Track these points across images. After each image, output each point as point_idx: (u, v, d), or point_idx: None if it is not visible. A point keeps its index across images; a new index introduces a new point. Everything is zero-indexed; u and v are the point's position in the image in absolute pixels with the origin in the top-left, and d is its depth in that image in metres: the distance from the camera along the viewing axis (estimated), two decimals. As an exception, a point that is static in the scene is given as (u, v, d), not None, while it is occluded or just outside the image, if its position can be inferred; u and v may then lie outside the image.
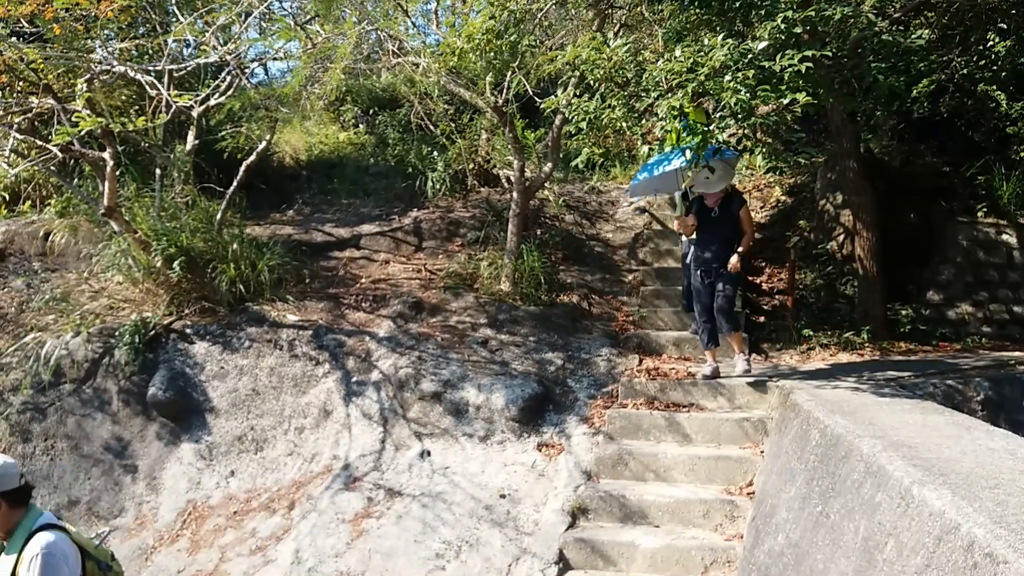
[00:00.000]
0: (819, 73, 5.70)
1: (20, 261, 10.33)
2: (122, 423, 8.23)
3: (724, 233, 7.19)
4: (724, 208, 7.22)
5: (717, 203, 7.23)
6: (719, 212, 7.23)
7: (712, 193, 7.18)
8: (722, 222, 7.23)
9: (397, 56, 9.10)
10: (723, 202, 7.22)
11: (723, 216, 7.23)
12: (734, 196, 7.28)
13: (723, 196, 7.22)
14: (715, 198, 7.21)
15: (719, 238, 7.18)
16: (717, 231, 7.22)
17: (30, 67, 8.46)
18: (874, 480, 3.85)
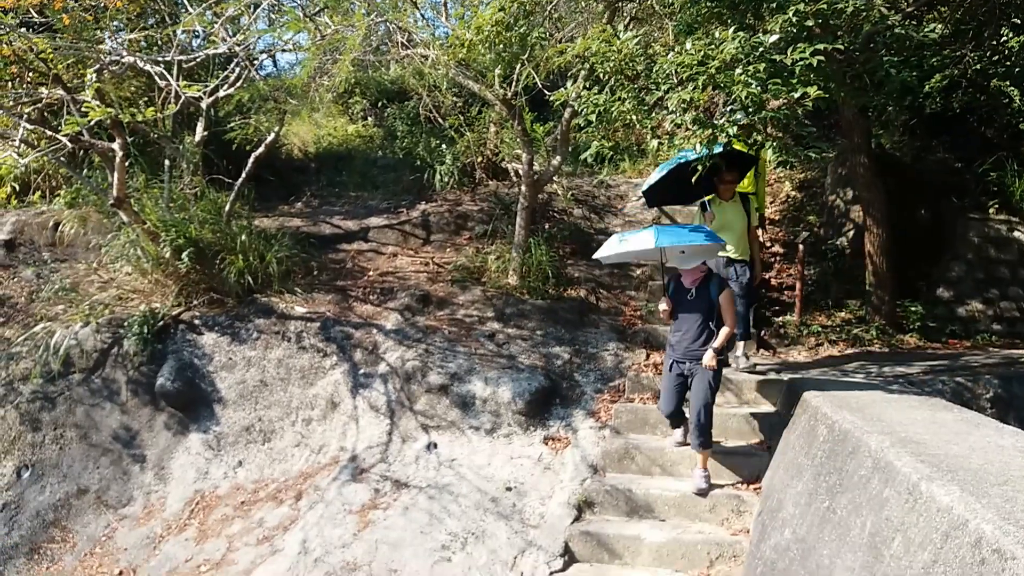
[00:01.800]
0: (830, 67, 5.66)
1: (30, 251, 10.37)
2: (131, 413, 8.26)
3: (700, 320, 6.19)
4: (702, 290, 6.23)
5: (695, 283, 6.26)
6: (695, 295, 6.23)
7: (689, 270, 6.26)
8: (698, 306, 6.22)
9: (406, 48, 9.07)
10: (702, 283, 6.25)
11: (700, 299, 6.22)
12: (714, 277, 6.33)
13: (702, 276, 6.26)
14: (692, 277, 6.25)
15: (694, 326, 6.20)
16: (692, 317, 6.22)
17: (40, 57, 8.47)
18: (882, 476, 3.84)
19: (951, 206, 9.65)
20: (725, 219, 7.39)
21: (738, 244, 7.39)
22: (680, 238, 6.08)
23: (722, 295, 6.15)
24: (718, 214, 7.41)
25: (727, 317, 6.14)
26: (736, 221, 7.43)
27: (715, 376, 6.08)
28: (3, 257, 10.20)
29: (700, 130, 5.38)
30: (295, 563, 6.30)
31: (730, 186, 7.47)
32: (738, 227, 7.40)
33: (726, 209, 7.47)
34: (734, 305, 6.24)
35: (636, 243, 6.14)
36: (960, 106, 9.35)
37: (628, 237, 6.28)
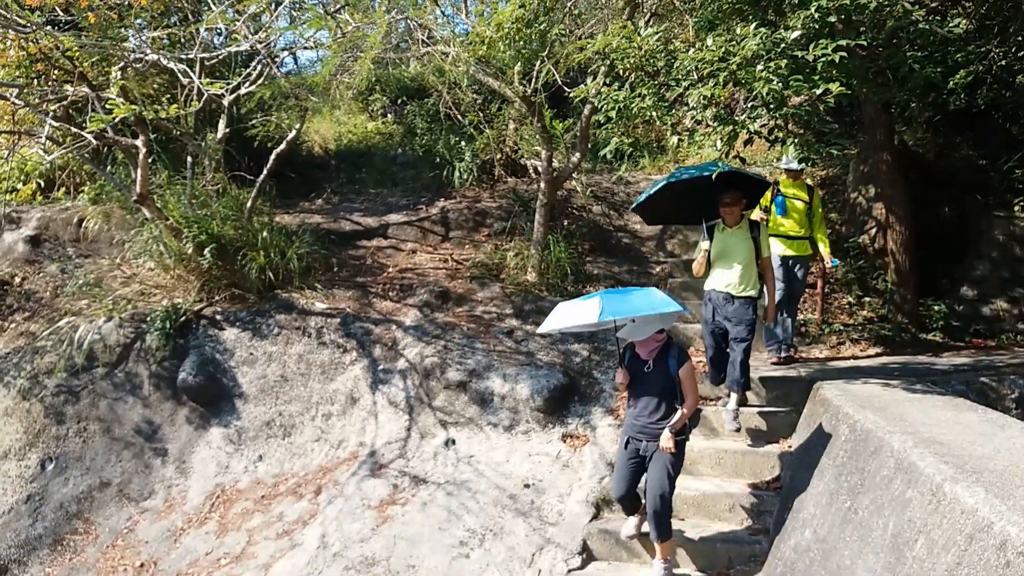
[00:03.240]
0: (853, 63, 5.61)
1: (55, 247, 10.49)
2: (153, 407, 8.34)
3: (657, 398, 5.38)
4: (660, 362, 5.42)
5: (652, 354, 5.46)
6: (652, 367, 5.45)
7: (644, 340, 5.48)
8: (655, 381, 5.41)
9: (426, 45, 9.09)
10: (660, 354, 5.44)
11: (657, 373, 5.41)
12: (672, 347, 5.47)
13: (659, 346, 5.45)
14: (647, 347, 5.47)
15: (651, 403, 5.41)
16: (649, 393, 5.43)
17: (65, 55, 8.57)
18: (905, 476, 3.81)
19: (975, 203, 9.55)
20: (726, 247, 6.57)
21: (741, 277, 6.49)
22: (628, 307, 5.19)
23: (682, 369, 5.33)
24: (718, 241, 6.60)
25: (688, 395, 5.33)
26: (739, 250, 6.53)
27: (675, 459, 5.30)
28: (28, 252, 10.32)
29: (721, 126, 5.34)
30: (314, 557, 6.34)
31: (730, 210, 6.50)
32: (741, 257, 6.50)
33: (729, 236, 6.59)
34: (695, 381, 5.43)
35: (580, 315, 5.23)
36: (984, 102, 9.24)
37: (572, 306, 5.40)
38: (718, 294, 6.57)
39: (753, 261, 6.53)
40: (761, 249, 6.57)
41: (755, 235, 6.55)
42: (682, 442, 5.38)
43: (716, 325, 6.63)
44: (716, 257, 6.59)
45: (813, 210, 7.96)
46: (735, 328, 6.47)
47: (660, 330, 5.44)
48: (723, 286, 6.55)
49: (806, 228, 7.93)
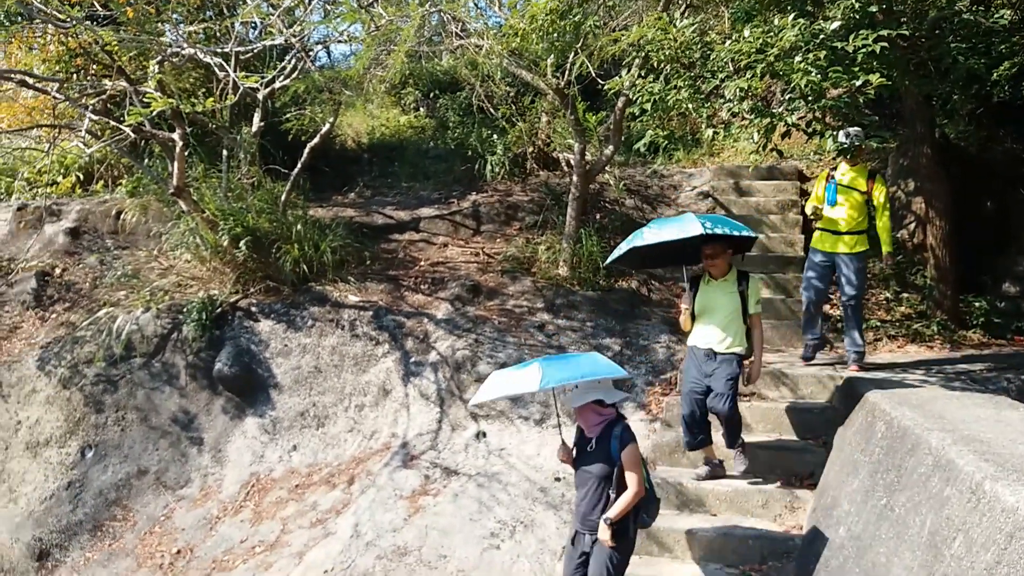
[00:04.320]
0: (894, 54, 5.53)
1: (93, 238, 10.67)
2: (189, 397, 8.46)
3: (597, 482, 4.70)
4: (603, 441, 4.71)
5: (595, 430, 4.75)
6: (595, 446, 4.73)
7: (584, 414, 4.74)
8: (596, 462, 4.70)
9: (460, 38, 9.09)
10: (604, 431, 4.71)
11: (599, 453, 4.70)
12: (617, 425, 4.71)
13: (603, 423, 4.71)
14: (589, 422, 4.74)
15: (592, 488, 4.72)
16: (589, 477, 4.74)
17: (104, 50, 8.70)
18: (943, 474, 3.75)
19: (1018, 197, 9.35)
20: (709, 301, 5.97)
21: (725, 333, 5.89)
22: (570, 373, 4.58)
23: (625, 451, 4.58)
24: (702, 294, 6.01)
25: (630, 480, 4.58)
26: (723, 305, 5.92)
27: (615, 556, 4.60)
28: (68, 244, 10.50)
29: (757, 119, 5.29)
30: (347, 546, 6.40)
31: (713, 262, 5.89)
32: (726, 313, 5.90)
33: (713, 289, 6.00)
34: (641, 466, 4.68)
35: (518, 383, 4.62)
36: (1029, 94, 9.04)
37: (509, 375, 4.83)
38: (700, 351, 5.98)
39: (740, 316, 5.91)
40: (749, 304, 5.93)
41: (743, 288, 5.91)
42: (620, 531, 4.58)
43: (695, 384, 5.95)
44: (700, 311, 6.02)
45: (874, 200, 7.11)
46: (716, 383, 5.85)
47: (604, 403, 4.70)
48: (704, 343, 5.96)
49: (862, 221, 7.12)
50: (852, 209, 7.11)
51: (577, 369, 4.61)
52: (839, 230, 7.14)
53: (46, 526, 7.71)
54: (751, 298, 5.92)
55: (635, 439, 4.71)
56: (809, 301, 7.33)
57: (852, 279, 7.07)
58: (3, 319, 9.57)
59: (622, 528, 4.59)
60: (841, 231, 7.13)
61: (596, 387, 4.67)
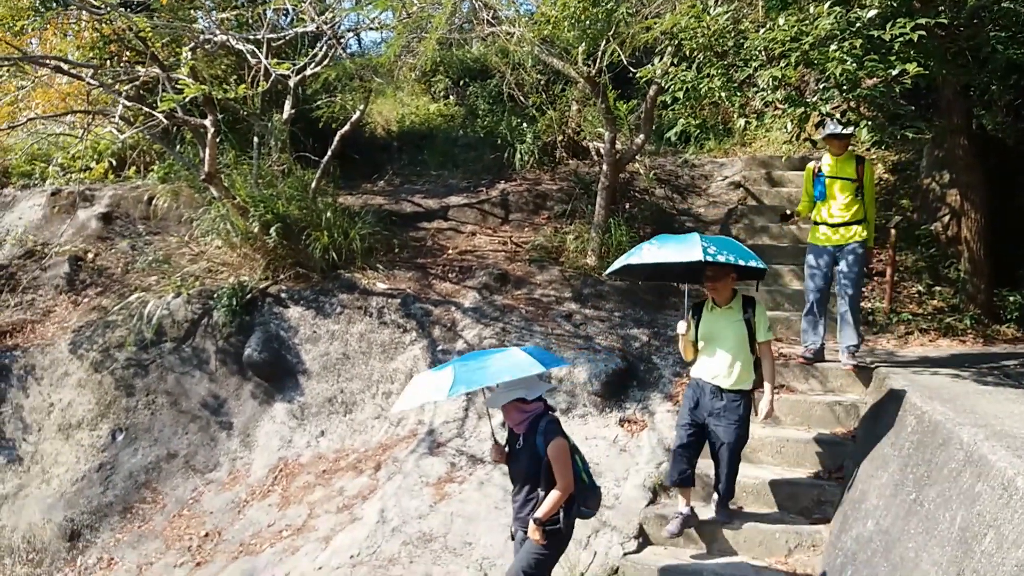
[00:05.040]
0: (932, 43, 5.42)
1: (125, 224, 10.79)
2: (219, 382, 8.55)
3: (526, 477, 4.60)
4: (529, 437, 4.55)
5: (521, 427, 4.60)
6: (522, 443, 4.60)
7: (509, 412, 4.59)
8: (524, 460, 4.59)
9: (491, 25, 9.07)
10: (530, 427, 4.55)
11: (526, 450, 4.57)
12: (543, 419, 4.54)
13: (527, 418, 4.56)
14: (514, 419, 4.59)
15: (522, 487, 4.64)
16: (518, 474, 4.69)
17: (138, 36, 8.78)
18: (974, 469, 3.71)
19: (1057, 191, 9.16)
20: (713, 329, 5.57)
21: (731, 366, 5.47)
22: (484, 375, 4.36)
23: (551, 447, 4.43)
24: (706, 321, 5.62)
25: (558, 476, 4.43)
26: (729, 334, 5.49)
27: (542, 552, 4.49)
28: (101, 229, 10.64)
29: (791, 108, 5.22)
30: (373, 531, 6.44)
31: (715, 285, 5.53)
32: (731, 343, 5.47)
33: (717, 317, 5.58)
34: (569, 460, 4.49)
35: (431, 390, 4.40)
36: (1071, 86, 8.85)
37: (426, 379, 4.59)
38: (705, 384, 5.57)
39: (746, 346, 5.48)
40: (757, 332, 5.49)
41: (748, 316, 5.49)
42: (553, 532, 4.47)
43: (694, 418, 5.60)
44: (703, 340, 5.61)
45: (864, 188, 6.77)
46: (721, 428, 5.47)
47: (527, 399, 4.53)
48: (710, 376, 5.54)
49: (856, 211, 6.76)
50: (844, 198, 6.78)
51: (492, 371, 4.37)
52: (834, 222, 6.83)
53: (77, 507, 7.84)
54: (759, 325, 5.49)
55: (561, 432, 4.53)
56: (814, 300, 6.96)
57: (851, 271, 6.76)
58: (37, 303, 9.73)
59: (553, 525, 4.48)
60: (836, 223, 6.81)
61: (517, 384, 4.50)
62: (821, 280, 6.92)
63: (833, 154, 6.83)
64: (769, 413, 5.57)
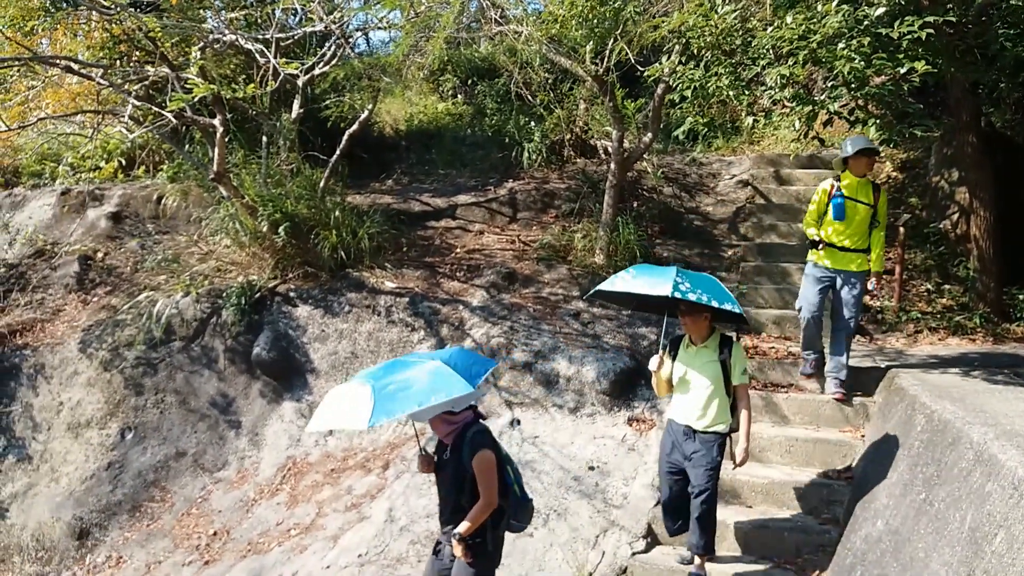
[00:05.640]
0: (940, 41, 5.41)
1: (135, 223, 10.84)
2: (227, 380, 8.58)
3: (452, 491, 4.35)
4: (456, 449, 4.28)
5: (449, 437, 4.33)
6: (449, 455, 4.35)
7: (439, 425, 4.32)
8: (450, 472, 4.35)
9: (499, 24, 9.07)
10: (457, 438, 4.29)
11: (452, 462, 4.31)
12: (469, 429, 4.29)
13: (455, 429, 4.29)
14: (444, 432, 4.33)
15: (448, 499, 4.41)
16: (444, 488, 4.44)
17: (147, 36, 8.81)
18: (984, 469, 3.70)
19: (1067, 189, 9.12)
20: (686, 369, 5.29)
21: (706, 407, 5.19)
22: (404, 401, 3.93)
23: (476, 459, 4.17)
24: (683, 359, 5.32)
25: (482, 489, 4.18)
26: (704, 374, 5.21)
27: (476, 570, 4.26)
28: (110, 228, 10.69)
29: (799, 106, 5.21)
30: (381, 530, 6.45)
31: (690, 320, 5.22)
32: (706, 383, 5.19)
33: (693, 355, 5.30)
34: (494, 473, 4.23)
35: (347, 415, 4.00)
36: (1080, 83, 8.80)
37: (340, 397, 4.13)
38: (678, 426, 5.31)
39: (722, 388, 5.20)
40: (732, 373, 5.20)
41: (724, 357, 5.20)
42: (478, 546, 4.24)
43: (672, 464, 5.35)
44: (678, 379, 5.34)
45: (878, 215, 6.50)
46: (695, 472, 5.19)
47: (454, 411, 4.26)
48: (682, 418, 5.29)
49: (866, 238, 6.50)
50: (859, 224, 6.46)
51: (415, 394, 3.95)
52: (845, 247, 6.47)
53: (86, 505, 7.88)
54: (735, 367, 5.19)
55: (489, 444, 4.26)
56: (811, 317, 6.61)
57: (853, 300, 6.47)
58: (46, 302, 9.78)
59: (478, 541, 4.24)
60: (848, 248, 6.47)
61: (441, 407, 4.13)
62: (816, 304, 6.60)
63: (857, 175, 6.40)
64: (744, 460, 5.25)
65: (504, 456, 4.41)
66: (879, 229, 6.52)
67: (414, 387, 3.98)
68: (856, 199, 6.41)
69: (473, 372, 4.21)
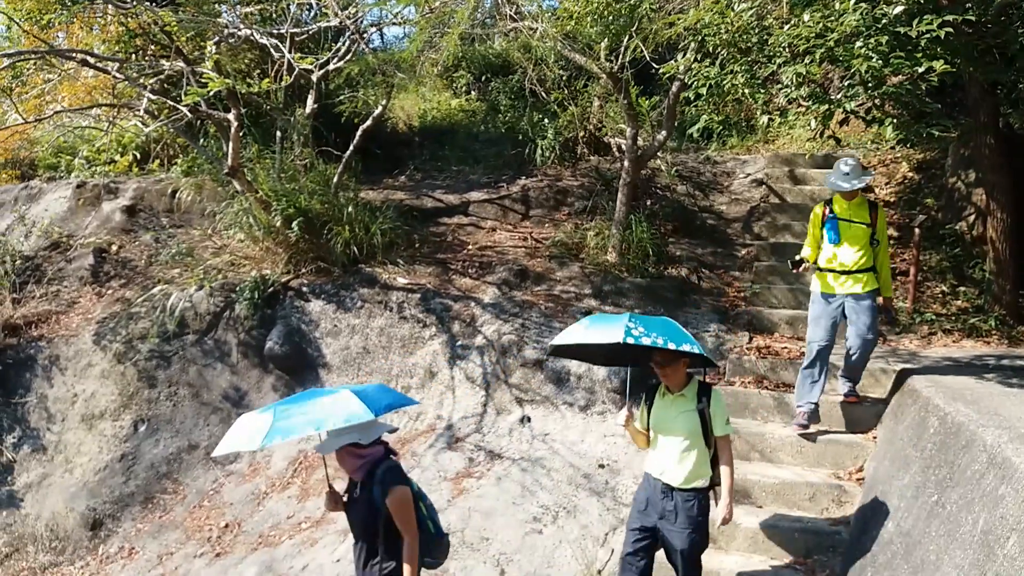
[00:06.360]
0: (959, 40, 5.35)
1: (149, 217, 10.90)
2: (240, 374, 8.62)
3: (364, 530, 4.07)
4: (366, 486, 4.01)
5: (358, 474, 4.07)
6: (359, 493, 4.09)
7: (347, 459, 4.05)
8: (359, 512, 4.08)
9: (514, 20, 9.06)
10: (367, 475, 4.02)
11: (362, 502, 4.05)
12: (381, 466, 4.01)
13: (364, 465, 4.02)
14: (352, 468, 4.06)
15: (358, 537, 4.13)
16: (357, 522, 4.13)
17: (163, 30, 8.85)
18: (998, 472, 3.67)
19: (1085, 191, 9.02)
20: (662, 420, 4.81)
21: (683, 462, 4.68)
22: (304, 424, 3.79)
23: (390, 498, 3.89)
24: (658, 409, 4.86)
25: (401, 528, 3.91)
26: (678, 426, 4.72)
27: None
28: (125, 222, 10.75)
29: (815, 105, 5.18)
30: (391, 526, 6.46)
31: (664, 370, 4.73)
32: (681, 436, 4.69)
33: (668, 405, 4.82)
34: (412, 510, 3.97)
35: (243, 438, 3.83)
36: (1101, 84, 8.70)
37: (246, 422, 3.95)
38: (655, 482, 4.78)
39: (700, 439, 4.69)
40: (713, 425, 4.70)
41: (702, 406, 4.71)
42: None
43: (644, 520, 4.78)
44: (653, 430, 4.88)
45: (878, 233, 6.22)
46: (673, 533, 4.67)
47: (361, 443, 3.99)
48: (658, 472, 4.77)
49: (868, 257, 6.19)
50: (858, 244, 6.18)
51: (314, 418, 3.79)
52: (847, 269, 6.18)
53: (100, 496, 7.94)
54: (715, 418, 4.70)
55: (402, 480, 4.01)
56: (817, 350, 6.23)
57: (866, 323, 6.11)
58: (61, 294, 9.85)
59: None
60: (850, 270, 6.18)
61: (348, 429, 3.93)
62: (827, 331, 6.26)
63: (846, 198, 6.23)
64: (726, 520, 4.74)
65: (416, 491, 4.15)
66: (882, 249, 6.26)
67: (313, 411, 3.84)
68: (850, 220, 6.19)
69: (383, 403, 4.02)
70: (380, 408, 3.94)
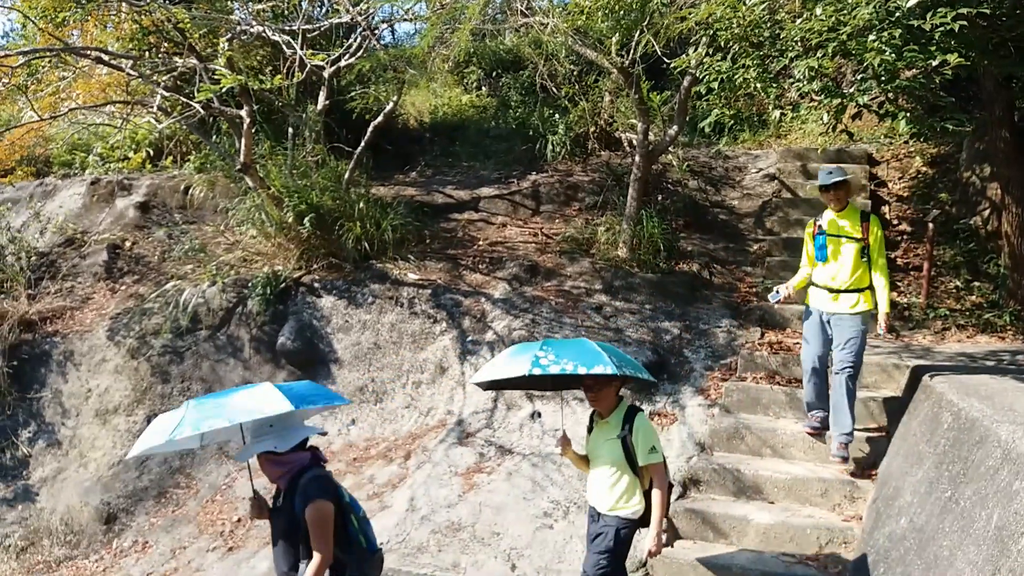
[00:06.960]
0: (973, 33, 5.30)
1: (162, 213, 10.96)
2: (252, 369, 8.65)
3: (281, 546, 3.87)
4: (289, 496, 3.79)
5: (280, 482, 3.87)
6: (281, 502, 3.87)
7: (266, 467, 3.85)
8: (281, 522, 3.87)
9: (525, 16, 9.05)
10: (289, 485, 3.80)
11: (284, 512, 3.83)
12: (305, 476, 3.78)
13: (286, 474, 3.81)
14: (275, 475, 3.85)
15: (280, 552, 3.88)
16: (278, 533, 3.90)
17: (176, 27, 8.88)
18: (1012, 467, 3.64)
19: (1101, 186, 8.95)
20: (592, 446, 4.77)
21: (610, 488, 4.60)
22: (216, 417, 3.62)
23: (308, 509, 3.66)
24: (592, 435, 4.79)
25: (314, 543, 3.67)
26: (603, 453, 4.64)
27: None
28: (138, 218, 10.81)
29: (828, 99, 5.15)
30: (403, 519, 6.49)
31: (594, 396, 4.66)
32: (605, 463, 4.62)
33: (597, 432, 4.74)
34: (328, 526, 3.70)
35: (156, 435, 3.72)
36: (1118, 77, 8.62)
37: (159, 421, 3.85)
38: (591, 508, 4.75)
39: (625, 468, 4.56)
40: (637, 453, 4.52)
41: (624, 434, 4.54)
42: None
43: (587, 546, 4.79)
44: (589, 456, 4.81)
45: (871, 249, 5.90)
46: (587, 556, 4.69)
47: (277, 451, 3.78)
48: (593, 498, 4.73)
49: (860, 277, 5.92)
50: (847, 260, 5.94)
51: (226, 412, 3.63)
52: (834, 288, 5.98)
53: (113, 491, 7.99)
54: (638, 446, 4.51)
55: (325, 492, 3.74)
56: (811, 368, 6.15)
57: (849, 345, 5.85)
58: (76, 290, 9.92)
59: None
60: (837, 289, 5.97)
61: (268, 432, 3.76)
62: (818, 348, 6.10)
63: (835, 209, 6.04)
64: (652, 553, 4.56)
65: (348, 503, 3.90)
66: (878, 265, 5.94)
67: (229, 405, 3.70)
68: (839, 235, 5.97)
69: (307, 398, 3.85)
70: (303, 402, 3.78)
